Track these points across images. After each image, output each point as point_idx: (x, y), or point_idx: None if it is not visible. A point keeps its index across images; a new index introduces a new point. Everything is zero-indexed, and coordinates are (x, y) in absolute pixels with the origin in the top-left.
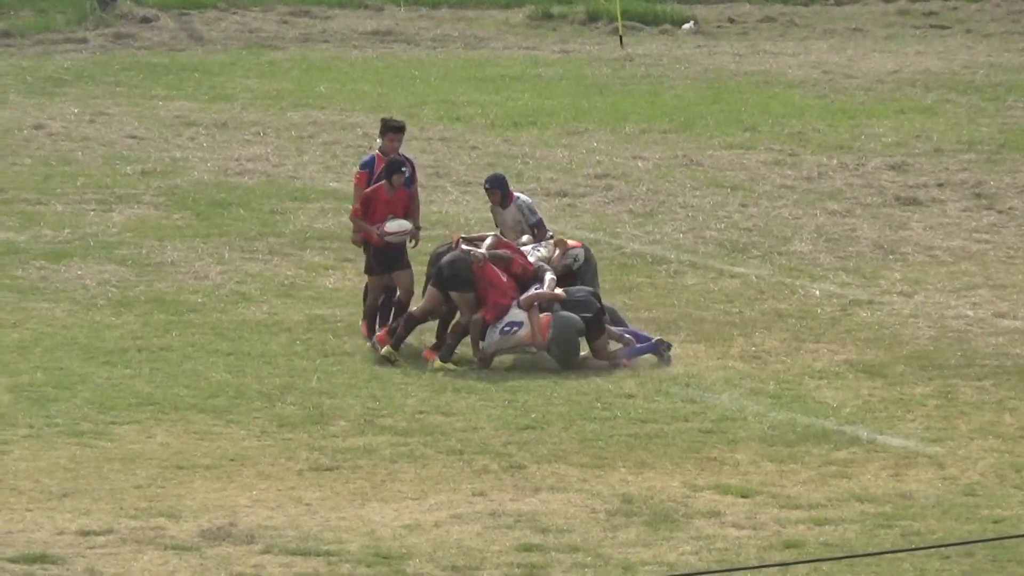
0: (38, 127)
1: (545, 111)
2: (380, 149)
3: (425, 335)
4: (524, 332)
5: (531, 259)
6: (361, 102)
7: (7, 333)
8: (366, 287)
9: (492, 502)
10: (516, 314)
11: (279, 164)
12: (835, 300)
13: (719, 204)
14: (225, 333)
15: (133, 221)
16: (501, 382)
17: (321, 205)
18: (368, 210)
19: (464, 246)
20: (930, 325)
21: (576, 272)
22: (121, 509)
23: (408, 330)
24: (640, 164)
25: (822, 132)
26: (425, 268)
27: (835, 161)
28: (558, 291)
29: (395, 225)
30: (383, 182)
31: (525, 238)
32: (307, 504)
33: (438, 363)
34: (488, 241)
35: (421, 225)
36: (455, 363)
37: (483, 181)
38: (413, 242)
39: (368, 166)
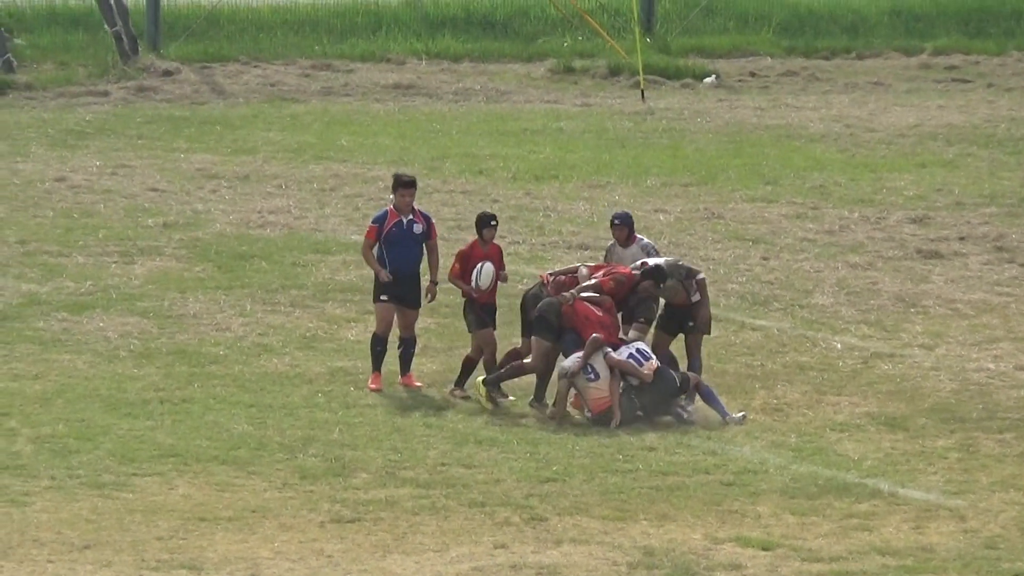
0: (60, 180)
1: (567, 164)
2: (394, 205)
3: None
4: (597, 392)
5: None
6: (383, 155)
7: (29, 384)
8: (469, 358)
9: (514, 555)
10: (601, 364)
11: (301, 216)
12: (856, 353)
13: (740, 257)
14: (247, 385)
15: (155, 273)
16: (523, 434)
17: (343, 257)
18: (466, 268)
19: (561, 293)
20: (951, 378)
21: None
22: (143, 561)
23: (513, 375)
24: (662, 217)
25: (843, 186)
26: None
27: (856, 214)
28: (647, 369)
29: (485, 276)
30: (476, 239)
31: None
32: (328, 556)
33: (483, 388)
34: (581, 272)
35: (438, 280)
36: (489, 399)
37: (612, 216)
38: (429, 297)
39: (380, 220)
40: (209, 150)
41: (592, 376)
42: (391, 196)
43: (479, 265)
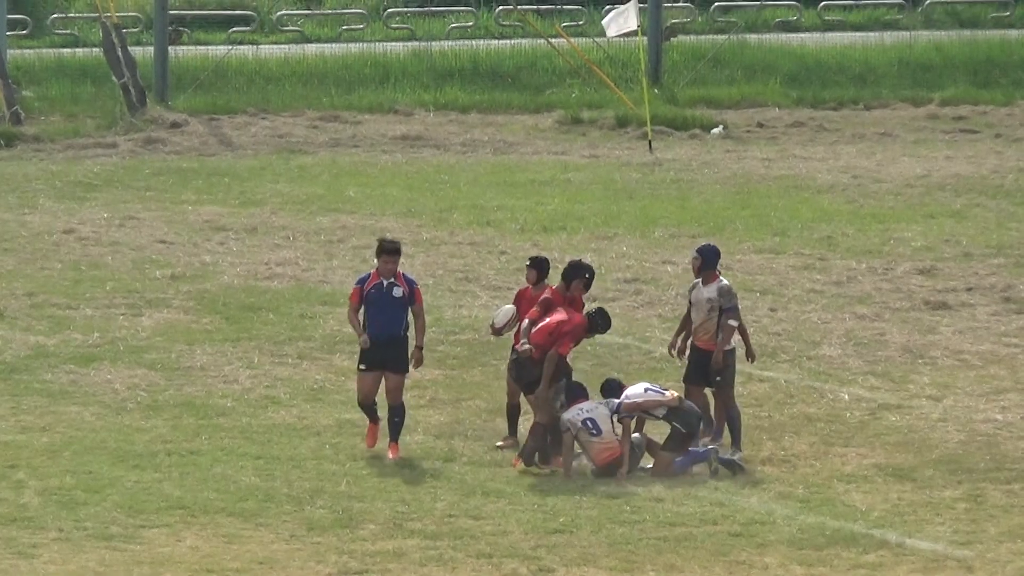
0: (68, 231)
1: (575, 216)
2: (377, 268)
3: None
4: (600, 445)
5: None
6: (391, 207)
7: (37, 437)
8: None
9: None
10: (603, 415)
11: (308, 268)
12: (864, 404)
13: (748, 308)
14: (254, 437)
15: (162, 325)
16: (529, 485)
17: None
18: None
19: (518, 347)
20: (959, 429)
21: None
22: None
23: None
24: (669, 269)
25: (851, 236)
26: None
27: (864, 265)
28: (670, 395)
29: (501, 316)
30: (554, 286)
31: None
32: None
33: (521, 466)
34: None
35: (423, 345)
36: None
37: (694, 250)
38: (414, 362)
39: (362, 282)
40: (217, 202)
41: (594, 432)
42: (375, 260)
43: (502, 309)
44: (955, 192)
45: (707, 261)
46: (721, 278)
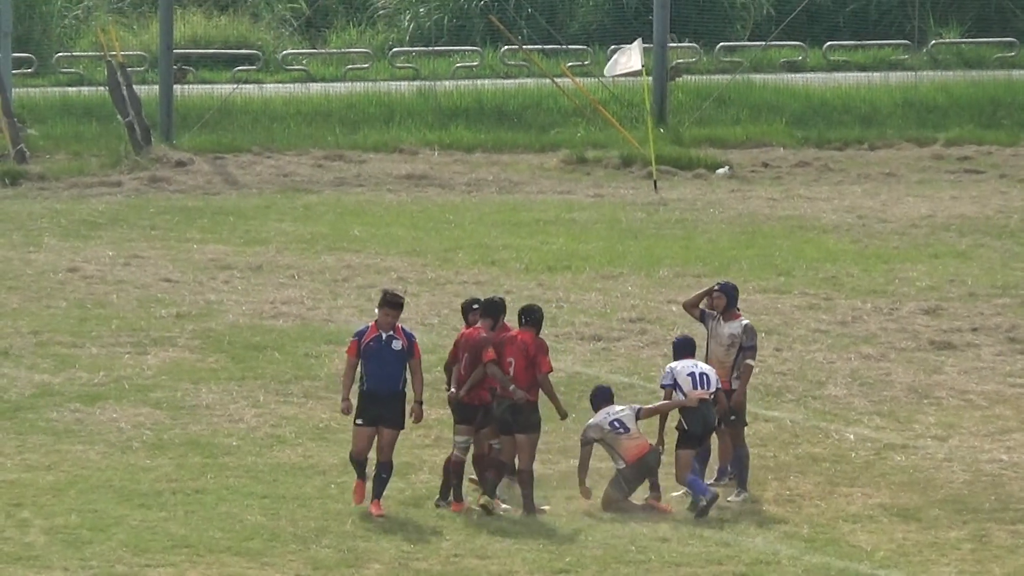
0: (73, 270)
1: (579, 255)
2: (376, 320)
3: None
4: (629, 441)
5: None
6: (396, 246)
7: (42, 475)
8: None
9: None
10: (629, 416)
11: (313, 307)
12: (869, 444)
13: None
14: (260, 476)
15: (168, 364)
16: (535, 525)
17: None
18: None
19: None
20: (964, 469)
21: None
22: None
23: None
24: (675, 308)
25: (856, 276)
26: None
27: (869, 305)
28: (692, 396)
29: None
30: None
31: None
32: None
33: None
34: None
35: (422, 400)
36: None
37: (716, 285)
38: (414, 418)
39: (360, 335)
40: (222, 240)
41: (622, 430)
42: (376, 311)
43: None
44: (960, 232)
45: (731, 299)
46: (743, 317)
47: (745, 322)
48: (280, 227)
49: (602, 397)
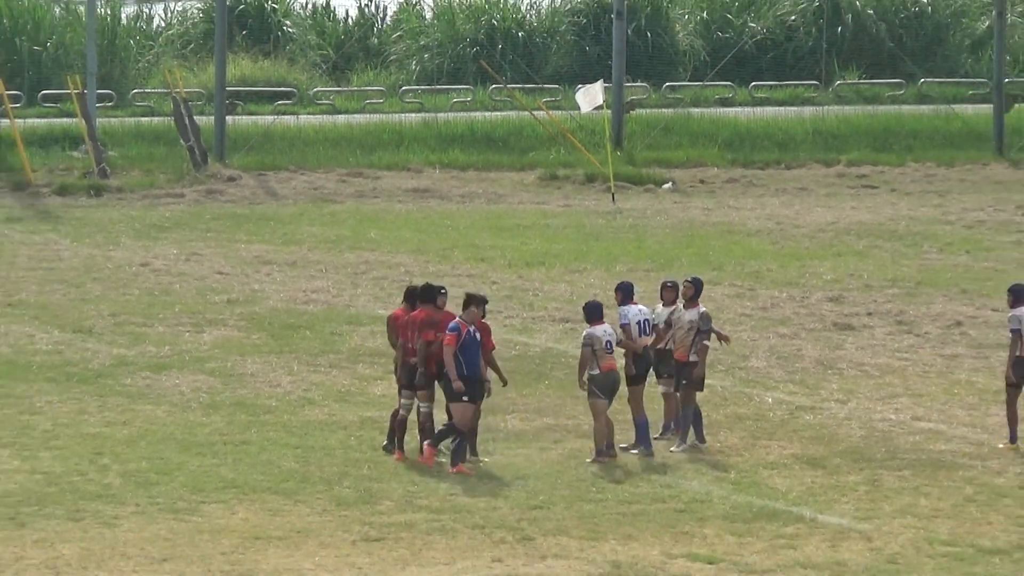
0: (144, 264)
1: (551, 253)
2: (465, 317)
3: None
4: (608, 359)
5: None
6: (403, 246)
7: (119, 429)
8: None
9: (508, 567)
10: (613, 340)
11: (338, 295)
12: (784, 406)
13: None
14: (293, 430)
15: (220, 340)
16: (515, 471)
17: (371, 328)
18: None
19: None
20: (861, 426)
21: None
22: (209, 572)
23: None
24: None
25: (774, 271)
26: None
27: (784, 294)
28: (640, 342)
29: None
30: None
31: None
32: (359, 568)
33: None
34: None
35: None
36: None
37: (686, 278)
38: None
39: (456, 330)
40: (264, 241)
41: (608, 349)
42: (466, 309)
43: None
44: (858, 236)
45: (698, 290)
46: (701, 305)
47: (702, 310)
48: (311, 230)
49: (597, 311)
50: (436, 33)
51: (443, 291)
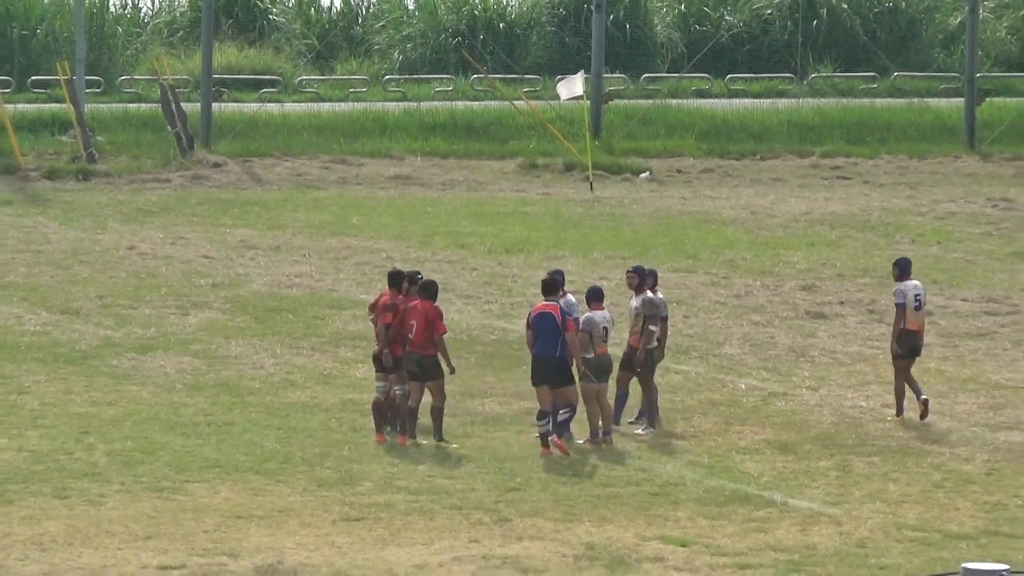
0: (131, 248)
1: (530, 241)
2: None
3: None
4: (602, 346)
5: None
6: (385, 232)
7: (104, 409)
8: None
9: (484, 548)
10: (609, 330)
11: (320, 280)
12: (757, 392)
13: None
14: (276, 412)
15: (204, 323)
16: (492, 453)
17: (353, 312)
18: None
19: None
20: (832, 413)
21: None
22: (192, 549)
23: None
24: (605, 283)
25: (748, 260)
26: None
27: (758, 283)
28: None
29: None
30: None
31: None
32: (339, 547)
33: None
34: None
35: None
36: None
37: (630, 268)
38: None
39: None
40: (248, 226)
41: (604, 336)
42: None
43: None
44: (831, 226)
45: (642, 279)
46: (648, 292)
47: (644, 296)
48: (294, 216)
49: (597, 295)
50: (419, 23)
51: (419, 276)
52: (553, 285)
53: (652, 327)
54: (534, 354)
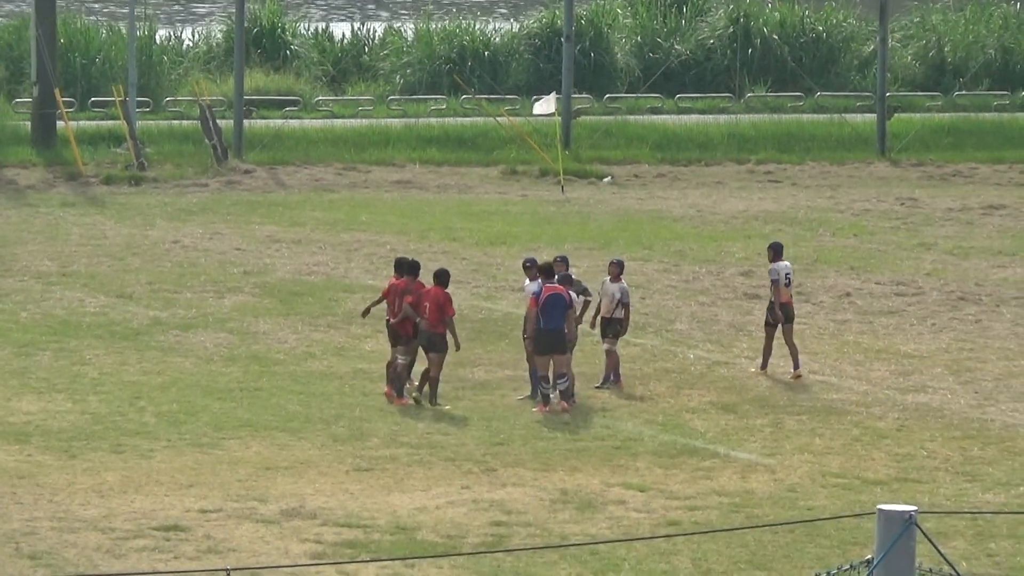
0: (175, 242)
1: (511, 235)
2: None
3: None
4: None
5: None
6: (389, 228)
7: (154, 378)
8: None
9: (474, 493)
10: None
11: (335, 268)
12: (703, 361)
13: None
14: (298, 379)
15: (237, 305)
16: (480, 414)
17: (362, 295)
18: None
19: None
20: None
21: None
22: (227, 495)
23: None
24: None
25: (695, 250)
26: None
27: (704, 270)
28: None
29: None
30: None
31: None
32: (351, 493)
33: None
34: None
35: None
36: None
37: (613, 259)
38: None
39: (537, 294)
40: (274, 223)
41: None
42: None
43: None
44: (765, 221)
45: (621, 270)
46: (623, 280)
47: (623, 284)
48: (313, 215)
49: (577, 287)
50: (416, 52)
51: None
52: (551, 270)
53: (589, 298)
54: (544, 329)
